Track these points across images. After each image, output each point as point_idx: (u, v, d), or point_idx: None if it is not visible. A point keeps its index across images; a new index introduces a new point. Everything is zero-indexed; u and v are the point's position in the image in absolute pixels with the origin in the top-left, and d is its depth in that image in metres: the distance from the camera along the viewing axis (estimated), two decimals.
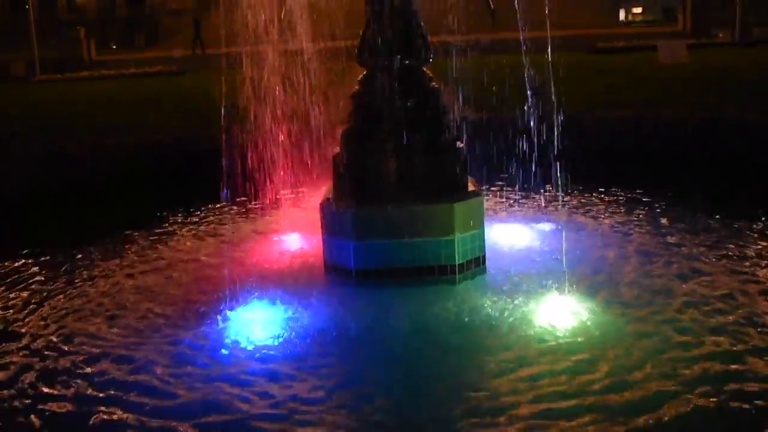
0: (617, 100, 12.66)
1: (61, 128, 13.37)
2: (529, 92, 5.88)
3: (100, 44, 42.42)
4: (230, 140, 6.83)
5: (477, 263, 5.50)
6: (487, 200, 6.40)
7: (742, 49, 26.27)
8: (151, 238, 7.31)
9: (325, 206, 5.55)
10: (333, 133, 6.35)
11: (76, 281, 6.19)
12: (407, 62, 5.43)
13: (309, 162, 7.09)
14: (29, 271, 6.50)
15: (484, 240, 5.56)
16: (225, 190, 6.71)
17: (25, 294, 5.95)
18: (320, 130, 7.09)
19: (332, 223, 5.48)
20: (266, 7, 6.67)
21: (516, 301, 5.06)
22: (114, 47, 45.70)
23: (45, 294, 5.91)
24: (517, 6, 5.81)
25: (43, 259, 6.79)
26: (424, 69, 5.61)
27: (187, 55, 29.41)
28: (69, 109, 16.93)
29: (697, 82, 15.30)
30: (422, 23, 5.48)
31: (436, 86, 5.60)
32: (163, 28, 48.89)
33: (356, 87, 5.61)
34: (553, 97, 5.66)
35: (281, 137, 7.01)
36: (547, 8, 5.70)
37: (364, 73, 5.60)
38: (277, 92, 6.94)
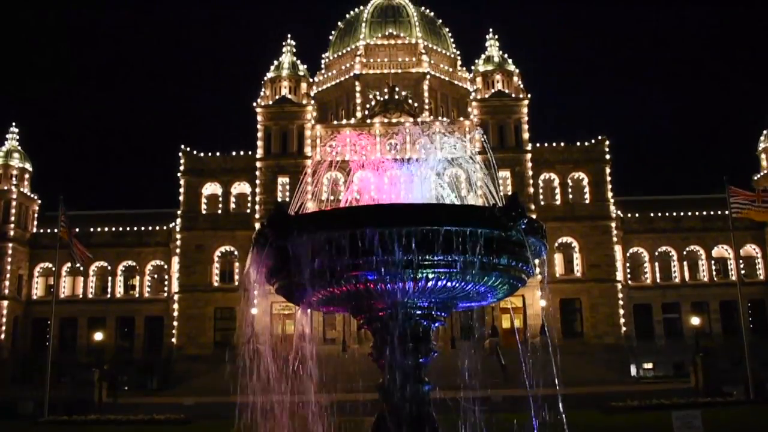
0: None
1: None
2: None
3: (114, 386, 42.49)
4: None
5: None
6: None
7: (757, 406, 25.96)
8: None
9: None
10: None
11: None
12: None
13: None
14: None
15: None
16: None
17: None
18: None
19: None
20: (279, 356, 6.77)
21: None
22: (126, 389, 45.73)
23: None
24: (524, 363, 5.83)
25: None
26: None
27: (198, 403, 29.24)
28: None
29: None
30: (434, 416, 5.38)
31: None
32: (177, 373, 49.21)
33: None
34: None
35: None
36: (554, 368, 5.69)
37: None
38: None
